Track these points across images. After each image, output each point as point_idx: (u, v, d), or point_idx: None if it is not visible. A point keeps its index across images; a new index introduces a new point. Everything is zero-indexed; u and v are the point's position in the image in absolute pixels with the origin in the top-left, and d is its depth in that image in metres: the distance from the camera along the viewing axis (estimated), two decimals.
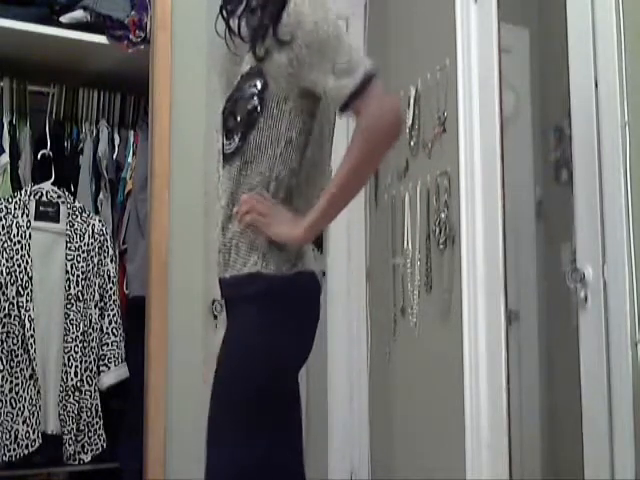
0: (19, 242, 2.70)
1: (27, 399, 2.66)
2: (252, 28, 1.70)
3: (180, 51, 2.78)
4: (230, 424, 1.64)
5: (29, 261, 2.71)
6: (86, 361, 2.76)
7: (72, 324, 2.74)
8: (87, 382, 2.75)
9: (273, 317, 1.63)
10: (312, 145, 1.69)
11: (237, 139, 1.70)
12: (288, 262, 1.65)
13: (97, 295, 2.81)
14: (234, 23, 1.75)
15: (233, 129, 1.71)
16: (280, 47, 1.62)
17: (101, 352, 2.80)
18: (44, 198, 2.79)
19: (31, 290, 2.70)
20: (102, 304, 2.82)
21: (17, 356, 2.66)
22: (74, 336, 2.74)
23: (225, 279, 1.72)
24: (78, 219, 2.81)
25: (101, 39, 2.82)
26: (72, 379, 2.72)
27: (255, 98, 1.66)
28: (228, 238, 1.70)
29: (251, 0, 1.74)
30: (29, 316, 2.67)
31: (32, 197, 2.77)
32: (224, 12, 1.78)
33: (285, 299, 1.65)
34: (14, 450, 2.62)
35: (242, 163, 1.69)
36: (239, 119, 1.70)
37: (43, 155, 2.86)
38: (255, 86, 1.66)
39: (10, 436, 2.62)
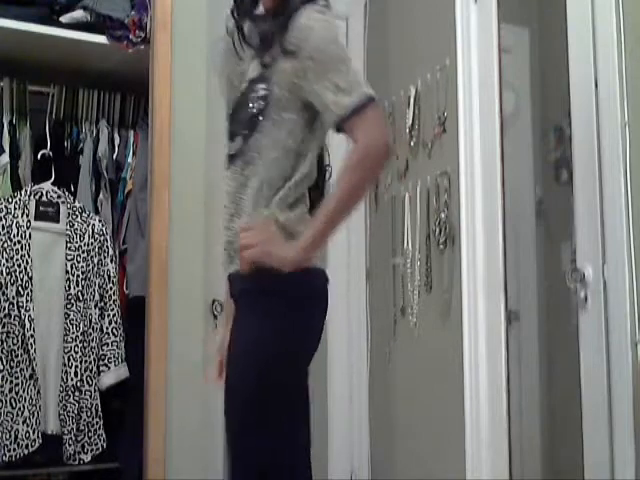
0: (19, 242, 2.70)
1: (27, 399, 2.66)
2: (261, 35, 1.74)
3: (180, 51, 2.78)
4: (251, 417, 1.66)
5: (29, 261, 2.71)
6: (86, 361, 2.75)
7: (72, 324, 2.74)
8: (87, 382, 2.75)
9: (286, 310, 1.66)
10: (308, 157, 1.74)
11: (239, 141, 1.75)
12: None
13: (97, 295, 2.81)
14: (244, 25, 1.80)
15: (236, 131, 1.77)
16: (286, 56, 1.67)
17: (101, 352, 2.80)
18: (44, 198, 2.79)
19: (31, 290, 2.70)
20: (102, 304, 2.82)
21: (17, 356, 2.66)
22: (74, 336, 2.73)
23: (234, 274, 1.75)
24: (78, 219, 2.81)
25: (101, 39, 2.82)
26: (72, 379, 2.72)
27: (258, 103, 1.71)
28: (233, 234, 1.74)
29: (261, 8, 1.79)
30: (29, 316, 2.67)
31: (32, 197, 2.77)
32: (235, 13, 1.82)
33: (295, 294, 1.68)
34: (14, 450, 2.62)
35: (243, 164, 1.74)
36: (242, 122, 1.75)
37: (43, 155, 2.86)
38: (260, 91, 1.71)
39: (10, 436, 2.62)
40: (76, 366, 2.73)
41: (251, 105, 1.72)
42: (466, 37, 2.81)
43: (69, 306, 2.75)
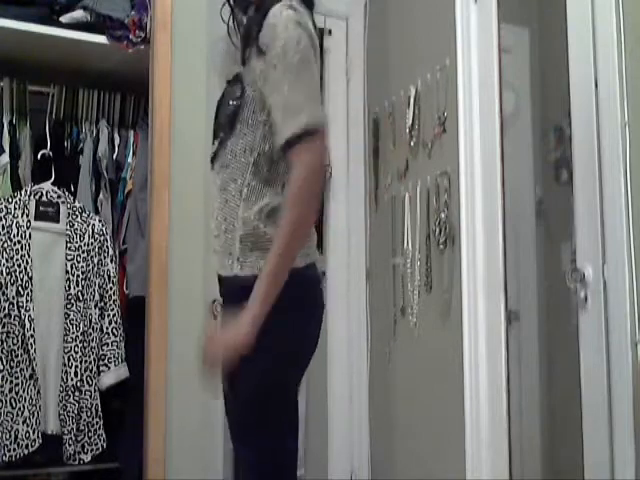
0: (19, 242, 2.70)
1: (27, 399, 2.66)
2: (244, 30, 1.70)
3: (180, 51, 2.78)
4: (251, 418, 1.66)
5: (29, 261, 2.71)
6: (86, 361, 2.75)
7: (72, 324, 2.74)
8: (87, 382, 2.75)
9: (283, 310, 1.62)
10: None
11: (217, 143, 1.73)
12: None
13: (97, 295, 2.81)
14: (238, 16, 1.75)
15: (216, 133, 1.74)
16: (257, 56, 1.62)
17: (101, 352, 2.80)
18: (44, 198, 2.79)
19: (31, 290, 2.70)
20: (102, 304, 2.82)
21: (17, 356, 2.66)
22: (74, 336, 2.74)
23: (229, 277, 1.74)
24: (78, 219, 2.81)
25: (101, 39, 2.82)
26: (72, 379, 2.72)
27: (234, 104, 1.66)
28: (215, 235, 1.75)
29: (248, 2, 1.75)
30: (29, 316, 2.67)
31: (32, 197, 2.77)
32: (231, 1, 1.77)
33: (293, 294, 1.64)
34: (14, 450, 2.62)
35: (219, 167, 1.72)
36: (220, 124, 1.72)
37: (43, 155, 2.86)
38: (236, 91, 1.67)
39: (10, 436, 2.62)
40: (76, 366, 2.73)
41: (227, 106, 1.69)
42: (466, 37, 2.81)
43: (69, 306, 2.75)
